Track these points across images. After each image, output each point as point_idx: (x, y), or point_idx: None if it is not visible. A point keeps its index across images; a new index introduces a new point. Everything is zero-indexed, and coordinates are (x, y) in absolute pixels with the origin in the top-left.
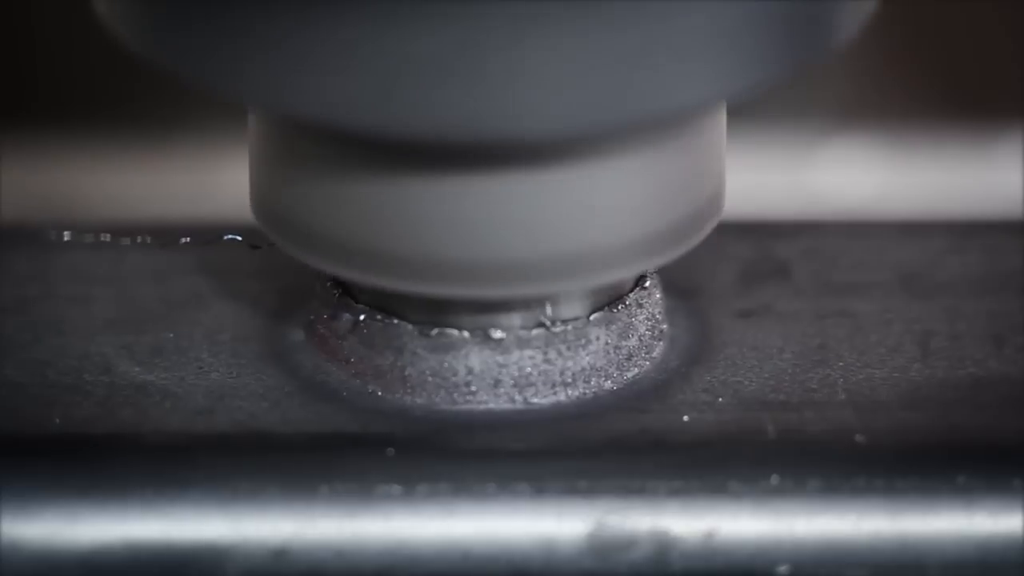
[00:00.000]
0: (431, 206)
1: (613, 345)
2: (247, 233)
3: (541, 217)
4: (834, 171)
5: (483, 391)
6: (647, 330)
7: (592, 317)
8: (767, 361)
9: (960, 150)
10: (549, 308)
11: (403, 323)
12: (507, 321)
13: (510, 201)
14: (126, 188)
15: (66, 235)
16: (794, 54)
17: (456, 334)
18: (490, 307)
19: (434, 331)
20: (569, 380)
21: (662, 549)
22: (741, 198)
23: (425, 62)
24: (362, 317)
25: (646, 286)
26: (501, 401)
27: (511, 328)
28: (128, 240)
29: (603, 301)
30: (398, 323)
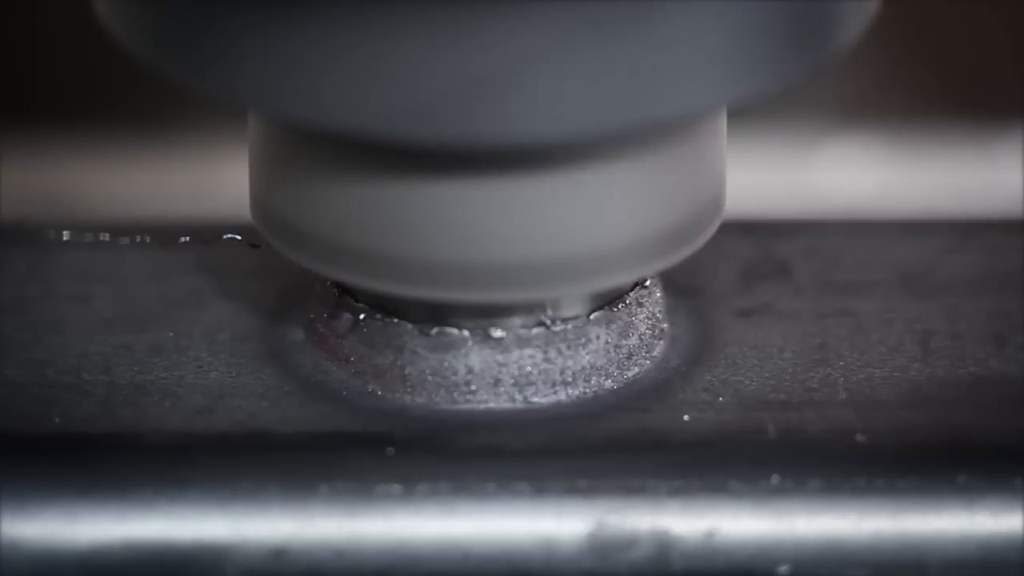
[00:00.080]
0: (431, 210)
1: (613, 344)
2: (246, 232)
3: (541, 222)
4: (835, 170)
5: (483, 390)
6: (647, 329)
7: (592, 316)
8: (768, 360)
9: (961, 149)
10: (549, 307)
11: (403, 322)
12: (507, 320)
13: (510, 206)
14: (126, 187)
15: (65, 234)
16: (796, 59)
17: (456, 333)
18: (490, 306)
19: (434, 330)
20: (569, 379)
21: (662, 549)
22: (742, 197)
23: (424, 66)
24: (362, 316)
25: (646, 285)
26: (501, 400)
27: (511, 327)
28: (127, 239)
29: (603, 300)
30: (398, 322)
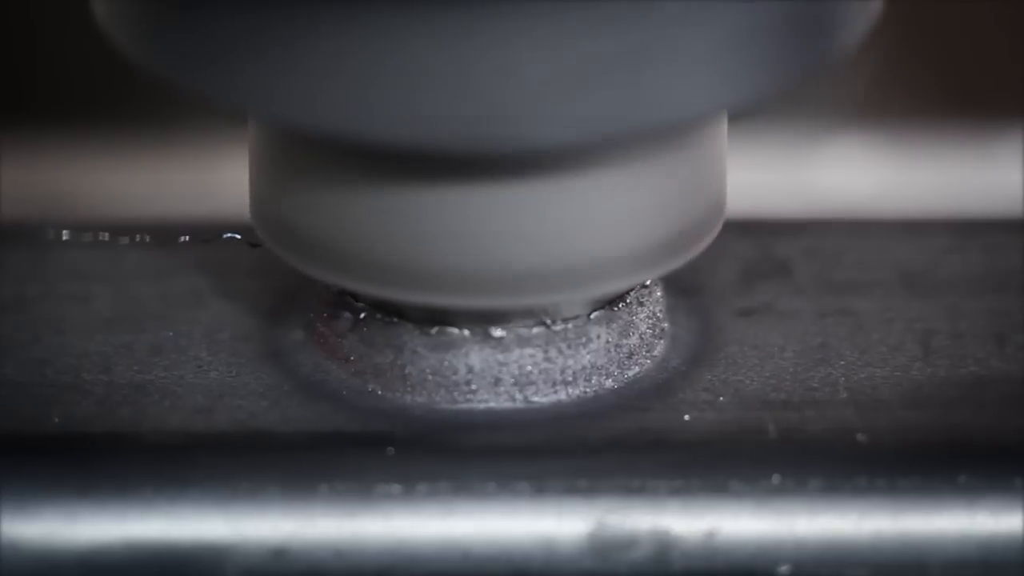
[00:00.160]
0: (430, 216)
1: (614, 343)
2: (246, 231)
3: (542, 228)
4: (835, 170)
5: (483, 390)
6: (648, 328)
7: (593, 315)
8: (768, 360)
9: (961, 149)
10: (550, 307)
11: (403, 321)
12: (507, 320)
13: (510, 212)
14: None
15: (65, 234)
16: (797, 63)
17: (456, 332)
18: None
19: (434, 329)
20: (570, 379)
21: (663, 549)
22: (742, 196)
23: (425, 72)
24: (362, 316)
25: (647, 284)
26: (501, 400)
27: (511, 327)
28: (127, 239)
29: (604, 300)
30: (398, 321)
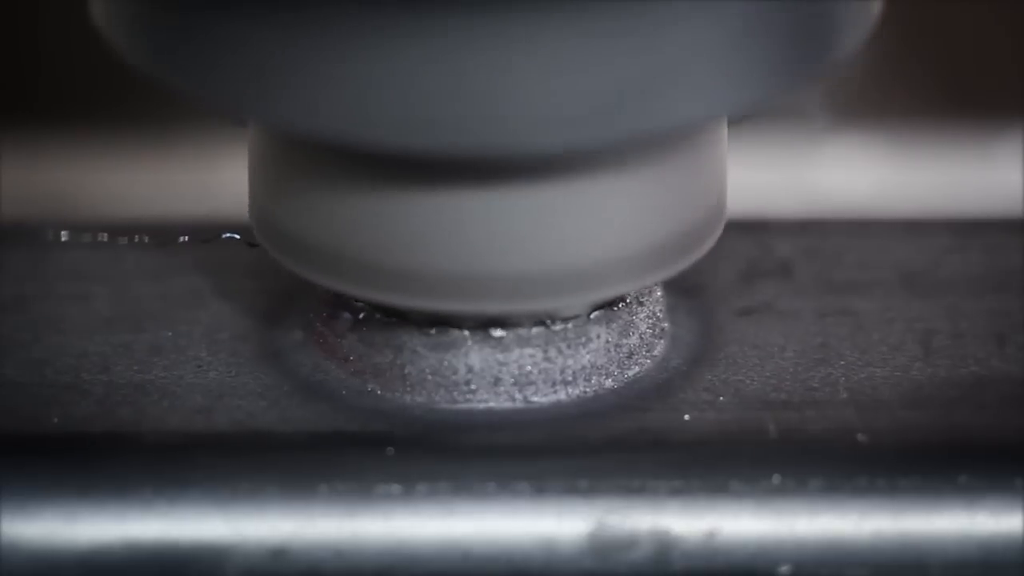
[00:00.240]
0: (430, 222)
1: (614, 343)
2: (245, 231)
3: (541, 233)
4: (835, 169)
5: (483, 389)
6: (648, 328)
7: (593, 315)
8: (768, 360)
9: (961, 148)
10: None
11: (402, 321)
12: (507, 320)
13: (509, 217)
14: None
15: (64, 234)
16: (797, 69)
17: (456, 332)
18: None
19: (434, 329)
20: (570, 378)
21: (663, 549)
22: (742, 196)
23: (423, 77)
24: (361, 315)
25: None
26: (501, 400)
27: (511, 327)
28: (126, 239)
29: (604, 300)
30: (397, 321)
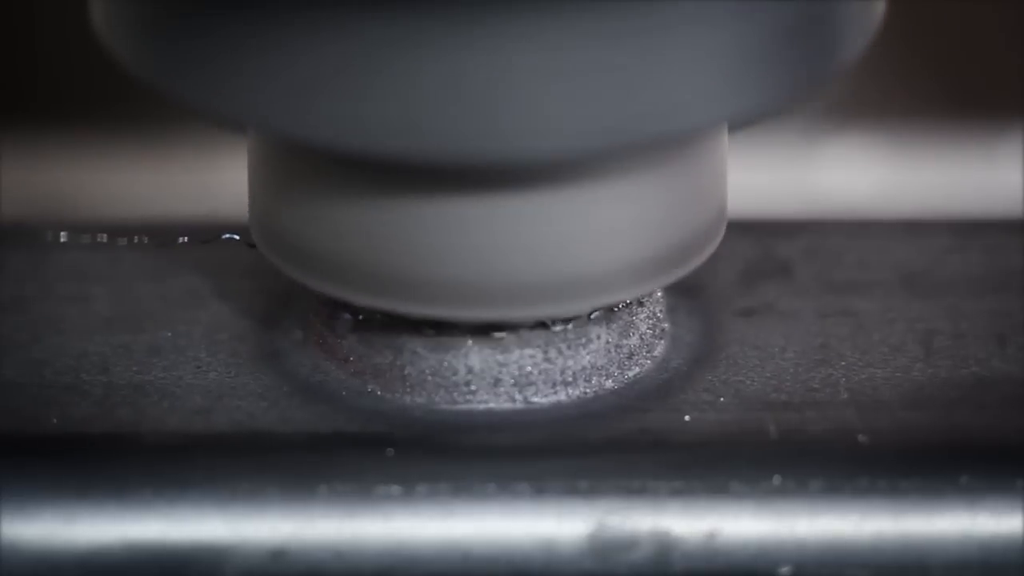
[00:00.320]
0: (429, 228)
1: (614, 344)
2: (245, 232)
3: (540, 240)
4: (836, 170)
5: (483, 390)
6: (648, 329)
7: (593, 316)
8: (769, 360)
9: (962, 149)
10: None
11: (403, 322)
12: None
13: (509, 224)
14: (124, 187)
15: (63, 235)
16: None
17: (456, 333)
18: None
19: (433, 330)
20: (570, 379)
21: (663, 550)
22: (743, 197)
23: (422, 85)
24: (361, 316)
25: None
26: (501, 400)
27: (511, 327)
28: (125, 240)
29: None
30: (397, 322)
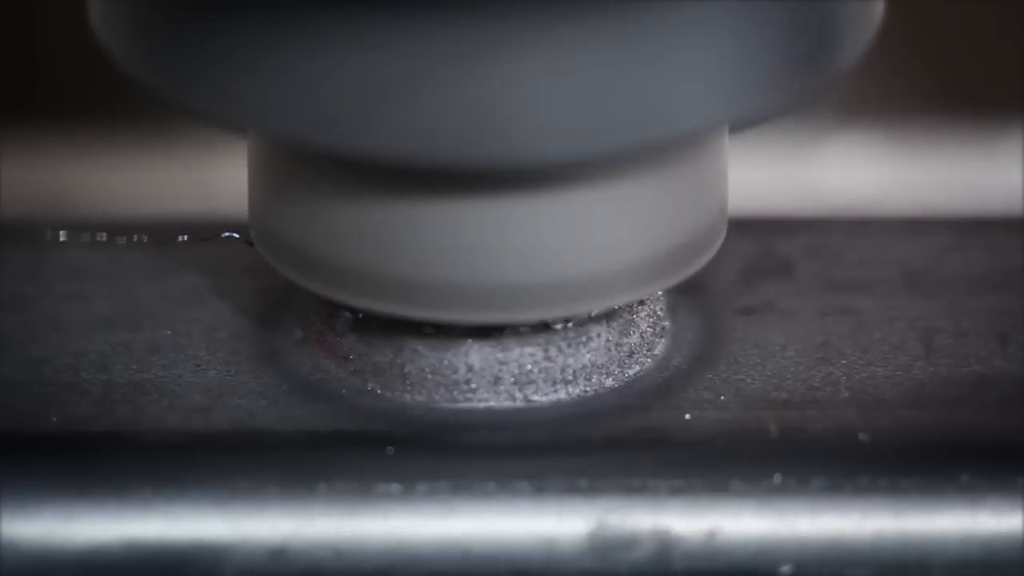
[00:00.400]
0: (429, 231)
1: (614, 342)
2: (245, 230)
3: (540, 243)
4: (836, 168)
5: (483, 389)
6: (649, 327)
7: (593, 314)
8: (770, 359)
9: (963, 147)
10: None
11: (402, 321)
12: None
13: (509, 227)
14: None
15: (62, 235)
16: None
17: (456, 331)
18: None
19: (433, 328)
20: (570, 377)
21: (663, 548)
22: (743, 195)
23: (425, 88)
24: (361, 315)
25: None
26: (501, 399)
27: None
28: (125, 238)
29: None
30: (397, 321)
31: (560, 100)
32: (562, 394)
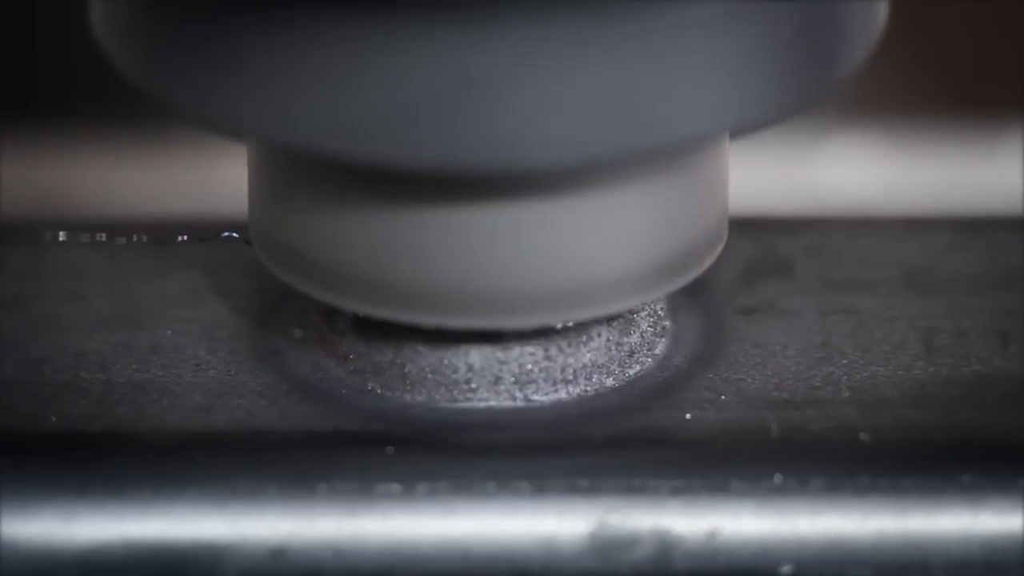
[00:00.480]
0: (429, 238)
1: (615, 342)
2: (244, 230)
3: (540, 249)
4: (837, 168)
5: (483, 388)
6: (649, 327)
7: None
8: (770, 358)
9: (963, 147)
10: None
11: None
12: None
13: (509, 233)
14: (124, 185)
15: (61, 235)
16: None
17: (456, 331)
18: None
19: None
20: (570, 377)
21: (664, 548)
22: (744, 194)
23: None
24: (360, 314)
25: None
26: (501, 398)
27: None
28: (125, 238)
29: None
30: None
31: (561, 106)
32: (562, 394)
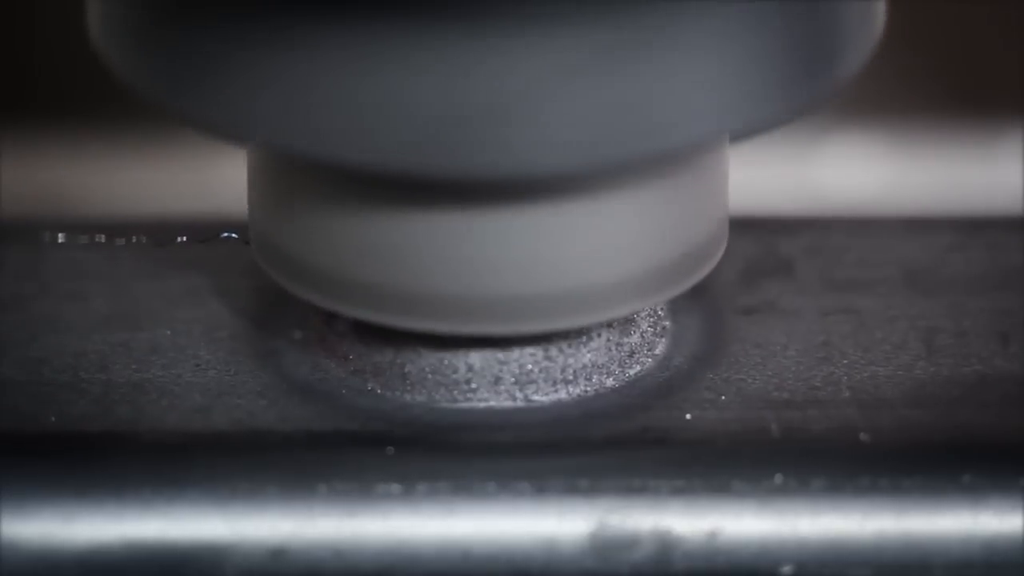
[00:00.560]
0: (430, 243)
1: (615, 342)
2: (244, 230)
3: (539, 255)
4: (837, 167)
5: (483, 388)
6: (649, 327)
7: None
8: (771, 359)
9: (964, 147)
10: None
11: None
12: None
13: (507, 238)
14: (123, 186)
15: (60, 237)
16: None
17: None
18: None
19: None
20: (570, 377)
21: (664, 549)
22: (744, 194)
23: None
24: None
25: None
26: (501, 398)
27: None
28: (124, 239)
29: None
30: None
31: (561, 112)
32: (563, 394)
